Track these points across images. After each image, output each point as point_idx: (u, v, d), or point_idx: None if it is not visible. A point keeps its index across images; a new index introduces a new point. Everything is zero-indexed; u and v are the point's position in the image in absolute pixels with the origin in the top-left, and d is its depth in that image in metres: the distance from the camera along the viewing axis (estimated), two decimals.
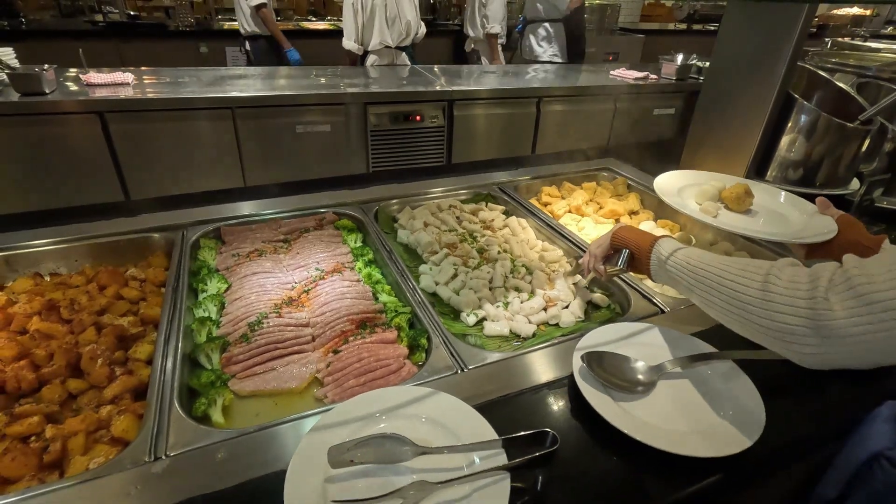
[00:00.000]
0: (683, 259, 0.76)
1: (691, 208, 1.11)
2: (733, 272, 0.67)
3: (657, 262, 0.83)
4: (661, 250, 0.82)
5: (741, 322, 0.65)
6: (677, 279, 0.78)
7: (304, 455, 0.62)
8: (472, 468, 0.61)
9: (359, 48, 3.49)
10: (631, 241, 0.89)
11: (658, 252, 0.83)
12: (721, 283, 0.67)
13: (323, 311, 0.98)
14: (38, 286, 1.02)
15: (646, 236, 0.88)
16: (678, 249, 0.79)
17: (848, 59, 2.01)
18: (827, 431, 0.77)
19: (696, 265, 0.73)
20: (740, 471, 0.67)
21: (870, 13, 7.43)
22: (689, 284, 0.75)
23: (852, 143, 1.32)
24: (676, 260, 0.78)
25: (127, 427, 0.73)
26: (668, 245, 0.82)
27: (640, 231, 0.91)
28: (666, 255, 0.80)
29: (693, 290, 0.74)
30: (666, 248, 0.81)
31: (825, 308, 0.55)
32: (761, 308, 0.61)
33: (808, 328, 0.56)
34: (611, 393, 0.75)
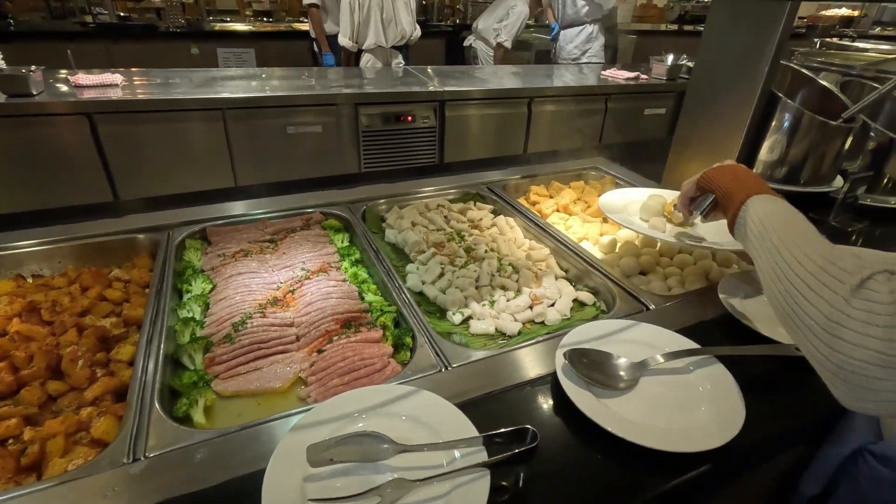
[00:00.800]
0: (764, 230, 0.65)
1: (638, 225, 1.14)
2: (810, 274, 0.55)
3: (741, 224, 0.71)
4: (750, 214, 0.69)
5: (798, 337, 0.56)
6: (756, 252, 0.67)
7: (284, 454, 0.62)
8: (451, 465, 0.61)
9: (353, 45, 3.52)
10: (719, 187, 0.77)
11: (744, 214, 0.71)
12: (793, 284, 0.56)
13: (308, 311, 0.97)
14: (20, 288, 1.01)
15: (740, 186, 0.74)
16: (770, 216, 0.66)
17: (833, 58, 2.03)
18: (807, 426, 0.77)
19: (776, 244, 0.62)
20: (720, 465, 0.67)
21: (858, 14, 7.51)
22: (761, 265, 0.65)
23: (836, 140, 1.34)
24: (757, 230, 0.66)
25: (107, 429, 0.72)
26: (761, 209, 0.68)
27: (743, 176, 0.77)
28: (754, 222, 0.68)
29: (766, 275, 0.63)
30: (757, 213, 0.68)
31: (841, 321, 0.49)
32: (824, 330, 0.51)
33: (879, 366, 0.47)
34: (593, 389, 0.75)
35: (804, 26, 7.37)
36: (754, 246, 0.67)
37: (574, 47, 4.18)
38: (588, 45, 4.17)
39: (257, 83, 2.74)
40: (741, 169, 0.80)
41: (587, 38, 4.15)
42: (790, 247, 0.60)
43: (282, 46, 4.74)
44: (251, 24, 5.20)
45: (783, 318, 0.59)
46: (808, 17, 7.54)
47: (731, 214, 0.73)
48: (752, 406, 0.72)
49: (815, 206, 1.38)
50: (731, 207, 0.73)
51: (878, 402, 0.49)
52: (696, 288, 1.08)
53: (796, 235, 0.61)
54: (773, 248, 0.62)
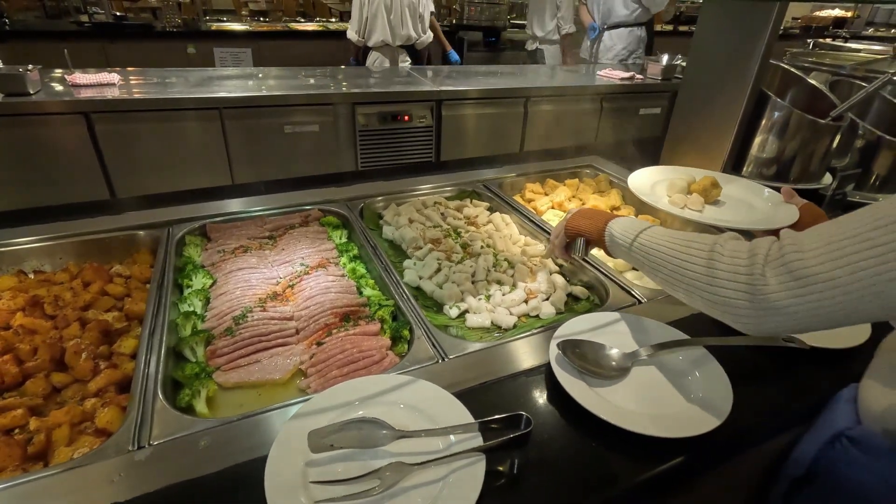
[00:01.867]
0: (633, 239, 0.79)
1: (662, 202, 1.14)
2: (680, 248, 0.69)
3: (612, 244, 0.86)
4: (614, 233, 0.85)
5: (688, 294, 0.68)
6: (632, 258, 0.80)
7: (285, 441, 0.64)
8: (448, 450, 0.63)
9: (359, 40, 3.59)
10: (584, 230, 0.92)
11: (610, 236, 0.86)
12: (668, 260, 0.70)
13: (307, 305, 0.99)
14: (22, 283, 1.02)
15: (597, 221, 0.90)
16: (628, 230, 0.81)
17: (824, 58, 2.06)
18: (792, 413, 0.79)
19: (646, 244, 0.76)
20: (709, 450, 0.69)
21: (851, 15, 7.58)
22: (641, 262, 0.78)
23: (824, 138, 1.36)
24: (625, 241, 0.81)
25: (111, 418, 0.74)
26: (619, 226, 0.84)
27: (593, 215, 0.92)
28: (619, 238, 0.83)
29: (644, 267, 0.77)
30: (617, 231, 0.84)
31: (762, 283, 0.58)
32: (706, 284, 0.64)
33: (747, 301, 0.59)
34: (586, 379, 0.77)
35: (797, 27, 7.44)
36: (632, 256, 0.79)
37: (623, 48, 4.18)
38: (637, 47, 4.18)
39: (254, 83, 2.75)
40: (591, 210, 0.97)
41: (637, 40, 4.16)
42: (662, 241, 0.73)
43: (278, 46, 4.75)
44: (248, 23, 5.21)
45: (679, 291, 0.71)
46: (801, 18, 7.61)
47: (601, 241, 0.88)
48: (740, 394, 0.74)
49: None
50: (597, 236, 0.89)
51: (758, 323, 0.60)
52: None
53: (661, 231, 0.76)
54: (648, 250, 0.75)
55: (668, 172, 1.25)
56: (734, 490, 0.93)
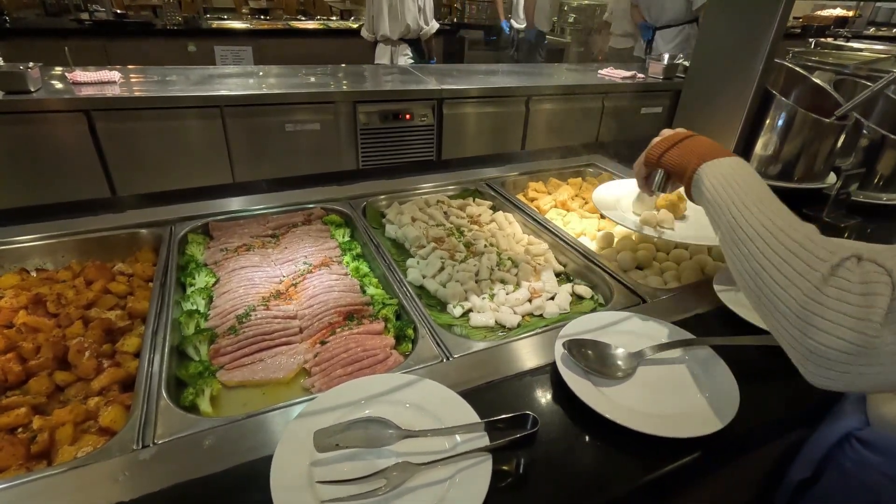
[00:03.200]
0: (725, 204, 0.63)
1: (630, 220, 1.15)
2: (785, 248, 0.54)
3: (697, 193, 0.71)
4: (703, 182, 0.68)
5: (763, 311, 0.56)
6: (714, 222, 0.66)
7: (291, 440, 0.63)
8: (454, 450, 0.63)
9: (370, 35, 3.72)
10: (666, 162, 0.76)
11: (698, 183, 0.69)
12: (759, 257, 0.55)
13: (311, 304, 0.99)
14: (25, 281, 1.02)
15: (687, 154, 0.73)
16: (721, 187, 0.65)
17: (827, 57, 2.06)
18: (799, 414, 0.79)
19: (738, 219, 0.60)
20: (714, 451, 0.69)
21: (853, 14, 7.57)
22: (724, 235, 0.63)
23: (829, 138, 1.36)
24: (715, 200, 0.65)
25: (115, 417, 0.73)
26: (712, 176, 0.66)
27: (683, 143, 0.75)
28: (708, 192, 0.66)
29: (725, 241, 0.63)
30: (708, 182, 0.67)
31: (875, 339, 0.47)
32: (798, 318, 0.52)
33: (849, 354, 0.48)
34: (591, 378, 0.77)
35: (799, 26, 7.43)
36: (714, 220, 0.66)
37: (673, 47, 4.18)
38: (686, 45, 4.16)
39: (255, 81, 2.75)
40: (686, 135, 0.78)
41: (686, 38, 4.15)
42: (753, 223, 0.58)
43: (279, 44, 4.74)
44: (248, 21, 5.20)
45: (753, 297, 0.58)
46: (803, 18, 7.60)
47: (686, 186, 0.73)
48: (746, 394, 0.74)
49: (808, 203, 1.41)
50: (684, 179, 0.72)
51: (848, 383, 0.51)
52: (691, 282, 1.10)
53: (756, 207, 0.60)
54: (735, 224, 0.60)
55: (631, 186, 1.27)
56: (740, 491, 0.92)
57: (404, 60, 3.79)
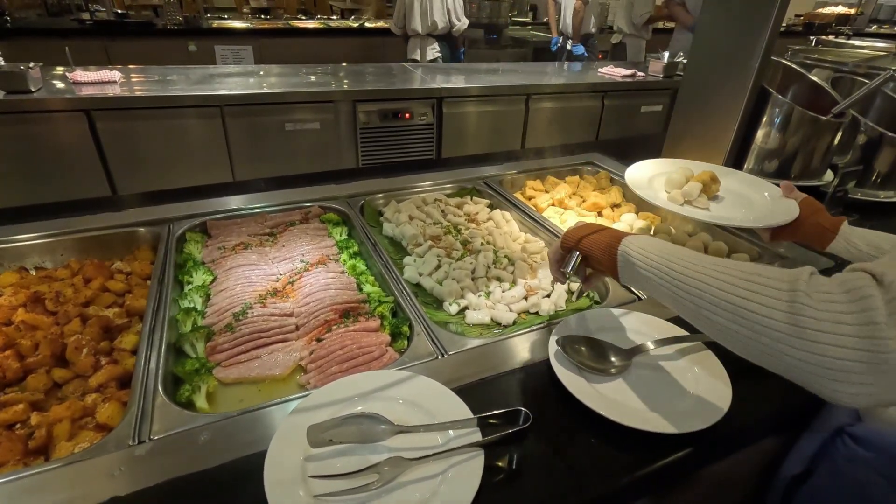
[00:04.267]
0: (661, 264, 0.62)
1: (660, 198, 1.11)
2: (741, 283, 0.53)
3: (626, 267, 0.69)
4: (630, 253, 0.67)
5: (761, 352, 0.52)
6: (658, 289, 0.63)
7: (285, 436, 0.64)
8: (446, 445, 0.63)
9: (398, 30, 3.90)
10: (584, 245, 0.75)
11: (625, 257, 0.68)
12: (726, 299, 0.54)
13: (307, 302, 0.99)
14: (24, 279, 1.03)
15: (605, 235, 0.74)
16: (651, 251, 0.65)
17: (826, 55, 2.05)
18: (791, 410, 0.79)
19: (685, 272, 0.59)
20: (706, 446, 0.69)
21: (854, 12, 7.54)
22: (674, 296, 0.61)
23: (826, 135, 1.36)
24: (649, 265, 0.64)
25: (112, 414, 0.74)
26: (638, 245, 0.67)
27: (597, 229, 0.77)
28: (638, 261, 0.66)
29: (681, 303, 0.60)
30: (636, 250, 0.67)
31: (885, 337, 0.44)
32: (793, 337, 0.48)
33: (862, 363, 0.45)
34: (585, 375, 0.77)
35: (801, 24, 7.41)
36: (660, 286, 0.63)
37: None
38: None
39: (255, 80, 2.76)
40: (597, 225, 0.80)
41: None
42: (708, 275, 0.56)
43: (279, 44, 4.75)
44: (249, 21, 5.20)
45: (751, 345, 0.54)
46: (804, 15, 7.58)
47: (609, 261, 0.71)
48: (739, 390, 0.74)
49: None
50: (607, 256, 0.71)
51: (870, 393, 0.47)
52: None
53: (694, 260, 0.60)
54: (684, 279, 0.59)
55: (667, 166, 1.24)
56: (732, 487, 0.93)
57: (432, 54, 3.94)
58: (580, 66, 3.92)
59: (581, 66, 3.91)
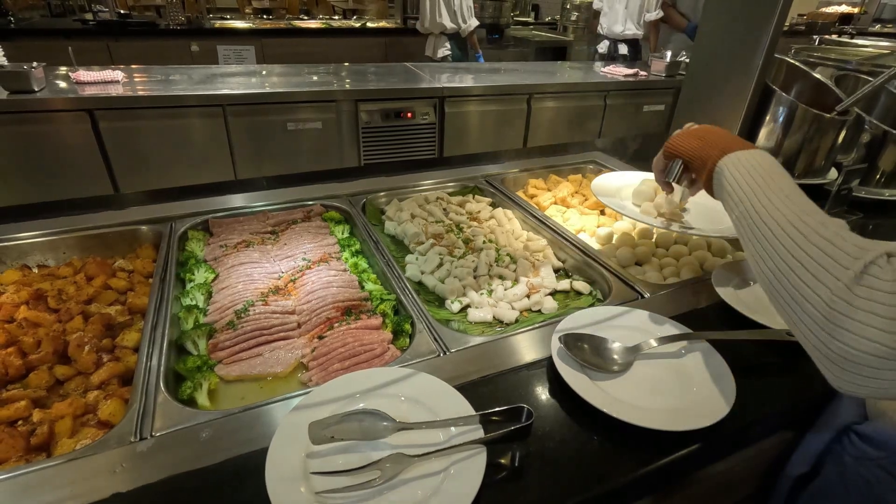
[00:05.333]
0: (747, 198, 0.59)
1: (630, 210, 1.14)
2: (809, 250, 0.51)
3: (718, 187, 0.66)
4: (725, 174, 0.64)
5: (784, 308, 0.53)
6: (735, 221, 0.62)
7: (286, 432, 0.64)
8: (449, 442, 0.63)
9: (424, 29, 4.06)
10: (685, 151, 0.72)
11: (719, 176, 0.65)
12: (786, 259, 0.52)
13: (309, 299, 0.99)
14: (26, 277, 1.03)
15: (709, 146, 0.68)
16: (744, 180, 0.61)
17: (829, 53, 2.05)
18: (797, 409, 0.79)
19: (761, 214, 0.57)
20: (710, 445, 0.69)
21: (858, 11, 7.52)
22: (744, 233, 0.60)
23: (830, 133, 1.35)
24: (736, 195, 0.61)
25: (114, 411, 0.74)
26: (734, 167, 0.63)
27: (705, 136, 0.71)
28: (729, 186, 0.63)
29: (747, 241, 0.60)
30: (730, 173, 0.63)
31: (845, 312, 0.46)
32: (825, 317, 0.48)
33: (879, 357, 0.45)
34: (587, 372, 0.77)
35: (804, 23, 7.38)
36: (734, 215, 0.63)
37: None
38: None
39: (257, 80, 2.76)
40: (708, 128, 0.74)
41: None
42: (778, 219, 0.55)
43: (282, 44, 4.75)
44: (251, 21, 5.21)
45: (775, 296, 0.55)
46: (807, 15, 7.56)
47: (705, 179, 0.68)
48: (743, 388, 0.74)
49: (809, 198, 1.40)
50: (704, 171, 0.68)
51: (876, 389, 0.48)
52: (690, 277, 1.10)
53: (781, 203, 0.56)
54: (758, 220, 0.57)
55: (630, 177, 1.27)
56: (735, 487, 0.92)
57: (442, 52, 4.07)
58: (582, 66, 3.91)
59: (583, 66, 3.90)
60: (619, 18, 4.11)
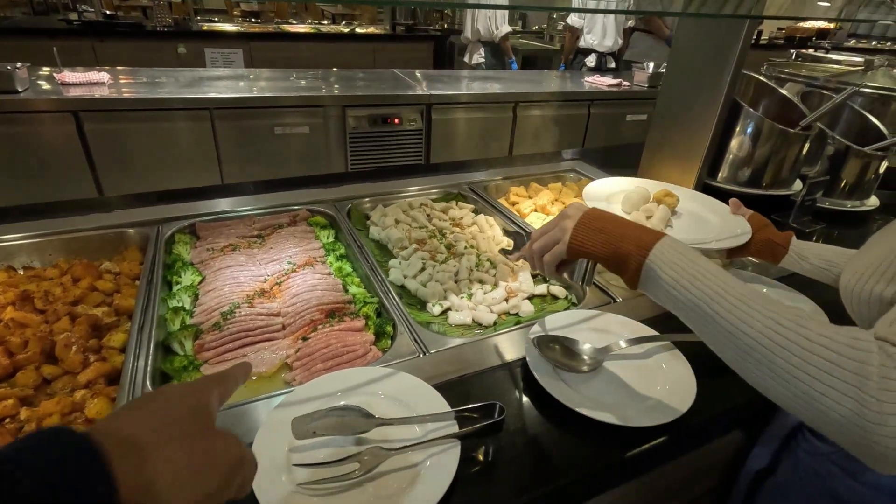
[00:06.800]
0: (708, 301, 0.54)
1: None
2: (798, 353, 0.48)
3: (648, 281, 0.61)
4: (658, 269, 0.59)
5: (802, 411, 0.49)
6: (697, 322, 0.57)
7: (270, 428, 0.67)
8: (425, 437, 0.67)
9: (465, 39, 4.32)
10: (597, 251, 0.64)
11: (651, 272, 0.60)
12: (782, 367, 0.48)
13: (294, 302, 1.02)
14: (12, 278, 1.04)
15: (623, 241, 0.62)
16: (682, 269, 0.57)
17: (800, 69, 2.14)
18: (753, 405, 0.84)
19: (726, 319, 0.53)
20: (671, 439, 0.73)
21: (834, 27, 7.78)
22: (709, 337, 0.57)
23: (794, 147, 1.43)
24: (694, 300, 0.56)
25: (101, 409, 0.76)
26: (666, 263, 0.58)
27: (612, 228, 0.64)
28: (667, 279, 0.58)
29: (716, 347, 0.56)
30: (666, 273, 0.58)
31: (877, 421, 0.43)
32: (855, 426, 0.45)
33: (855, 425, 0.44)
34: (559, 373, 0.81)
35: (782, 37, 7.63)
36: (687, 316, 0.58)
37: None
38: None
39: (245, 84, 2.78)
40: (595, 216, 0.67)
41: None
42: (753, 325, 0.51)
43: (270, 47, 4.77)
44: (239, 24, 5.21)
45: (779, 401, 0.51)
46: (786, 28, 7.80)
47: (629, 272, 0.62)
48: (703, 387, 0.79)
49: (775, 209, 1.47)
50: (626, 271, 0.62)
51: None
52: None
53: (740, 302, 0.52)
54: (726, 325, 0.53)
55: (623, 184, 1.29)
56: (699, 480, 0.97)
57: (476, 59, 4.27)
58: (567, 76, 4.00)
59: (569, 76, 3.99)
60: (609, 32, 4.22)
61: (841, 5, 1.56)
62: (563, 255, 0.68)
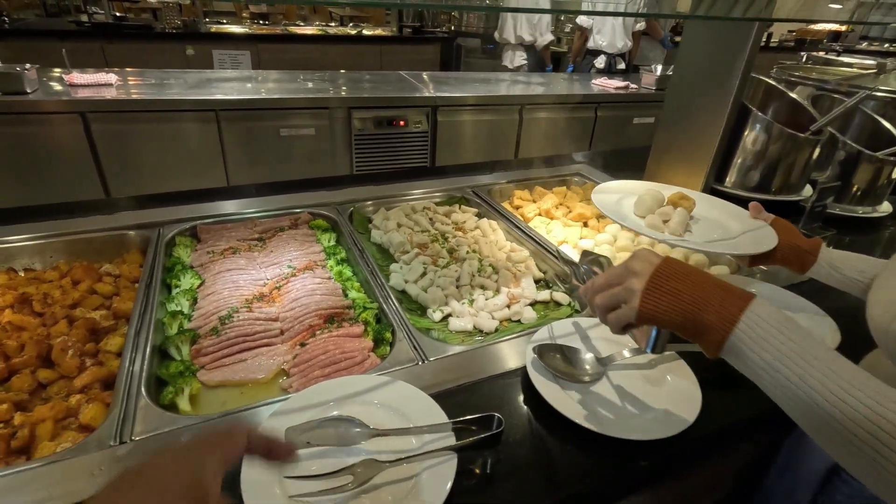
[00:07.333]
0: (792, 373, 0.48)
1: (633, 222, 1.04)
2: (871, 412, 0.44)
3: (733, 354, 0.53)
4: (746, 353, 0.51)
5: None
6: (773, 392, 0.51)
7: None
8: (421, 449, 0.65)
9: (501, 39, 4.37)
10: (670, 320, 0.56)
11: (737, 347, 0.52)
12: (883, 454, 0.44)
13: (292, 307, 1.01)
14: (12, 280, 1.04)
15: (697, 308, 0.54)
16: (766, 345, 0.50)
17: (810, 72, 2.10)
18: (761, 418, 0.81)
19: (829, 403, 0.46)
20: (675, 453, 0.71)
21: (846, 29, 7.68)
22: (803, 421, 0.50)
23: (804, 152, 1.40)
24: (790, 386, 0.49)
25: (95, 415, 0.75)
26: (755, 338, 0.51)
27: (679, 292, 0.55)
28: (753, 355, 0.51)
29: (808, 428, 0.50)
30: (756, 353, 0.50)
31: None
32: None
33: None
34: (560, 382, 0.79)
35: (792, 39, 7.54)
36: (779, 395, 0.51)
37: None
38: None
39: (252, 85, 2.78)
40: (681, 275, 0.56)
41: None
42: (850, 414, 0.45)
43: (277, 49, 4.78)
44: (247, 26, 5.24)
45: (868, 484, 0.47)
46: (797, 31, 7.72)
47: (711, 345, 0.54)
48: (709, 398, 0.76)
49: (785, 215, 1.43)
50: (710, 346, 0.54)
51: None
52: None
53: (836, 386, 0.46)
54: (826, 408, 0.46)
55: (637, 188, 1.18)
56: (706, 496, 0.95)
57: (519, 61, 4.36)
58: (575, 78, 3.97)
59: (576, 78, 3.96)
60: (618, 33, 4.21)
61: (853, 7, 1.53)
62: (630, 319, 0.59)
